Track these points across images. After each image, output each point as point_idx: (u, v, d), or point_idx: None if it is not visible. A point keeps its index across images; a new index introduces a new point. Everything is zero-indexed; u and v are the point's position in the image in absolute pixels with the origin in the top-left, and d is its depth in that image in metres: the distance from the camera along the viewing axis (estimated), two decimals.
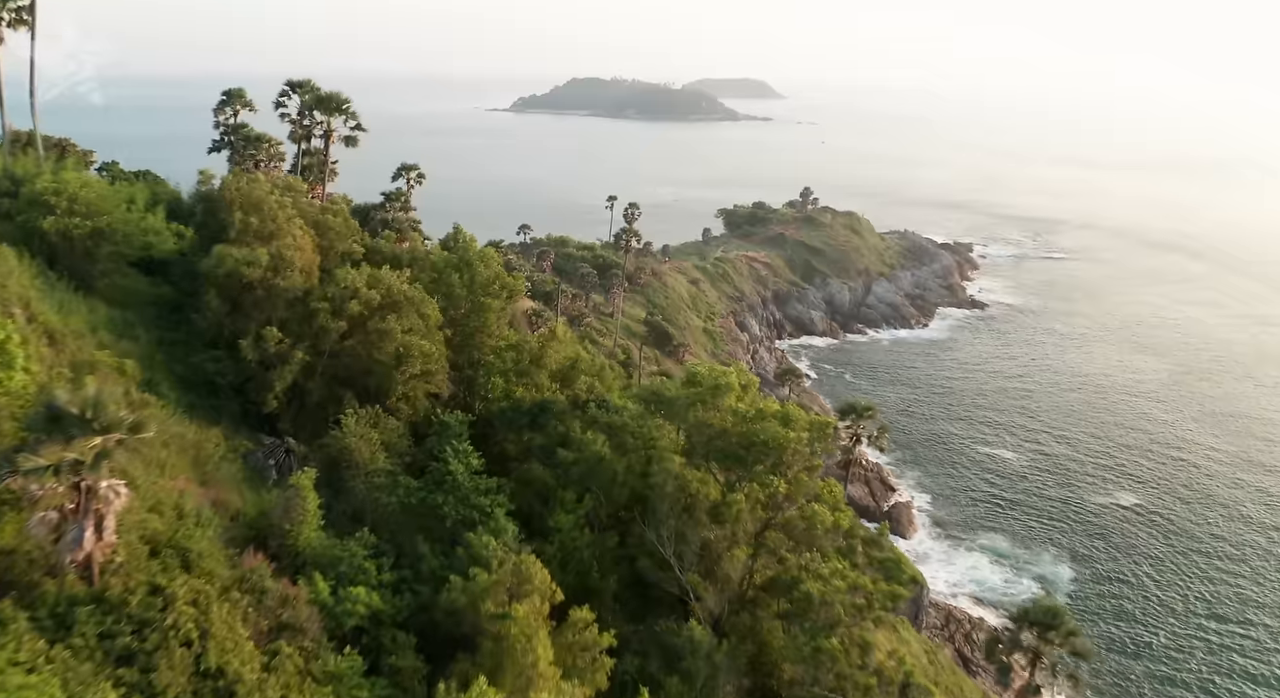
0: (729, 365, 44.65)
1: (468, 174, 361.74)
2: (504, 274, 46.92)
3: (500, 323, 46.07)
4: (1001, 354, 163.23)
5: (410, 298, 38.58)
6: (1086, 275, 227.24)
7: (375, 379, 38.05)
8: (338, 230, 42.91)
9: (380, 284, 38.09)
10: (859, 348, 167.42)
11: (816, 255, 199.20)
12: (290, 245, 37.17)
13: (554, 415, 38.70)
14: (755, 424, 38.26)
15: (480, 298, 44.59)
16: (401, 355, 37.36)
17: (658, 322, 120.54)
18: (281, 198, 40.51)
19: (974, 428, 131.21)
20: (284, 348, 35.85)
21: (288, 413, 37.57)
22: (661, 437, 40.49)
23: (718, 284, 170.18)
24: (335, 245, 42.82)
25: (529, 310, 77.75)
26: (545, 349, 43.98)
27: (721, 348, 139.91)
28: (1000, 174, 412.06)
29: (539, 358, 43.47)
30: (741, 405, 39.18)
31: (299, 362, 35.98)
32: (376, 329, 37.24)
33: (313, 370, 37.42)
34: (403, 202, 61.25)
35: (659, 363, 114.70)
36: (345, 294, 36.87)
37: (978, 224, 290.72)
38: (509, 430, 39.55)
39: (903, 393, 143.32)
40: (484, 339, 44.75)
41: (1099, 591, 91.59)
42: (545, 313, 74.15)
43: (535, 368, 42.78)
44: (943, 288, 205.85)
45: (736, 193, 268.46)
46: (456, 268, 45.89)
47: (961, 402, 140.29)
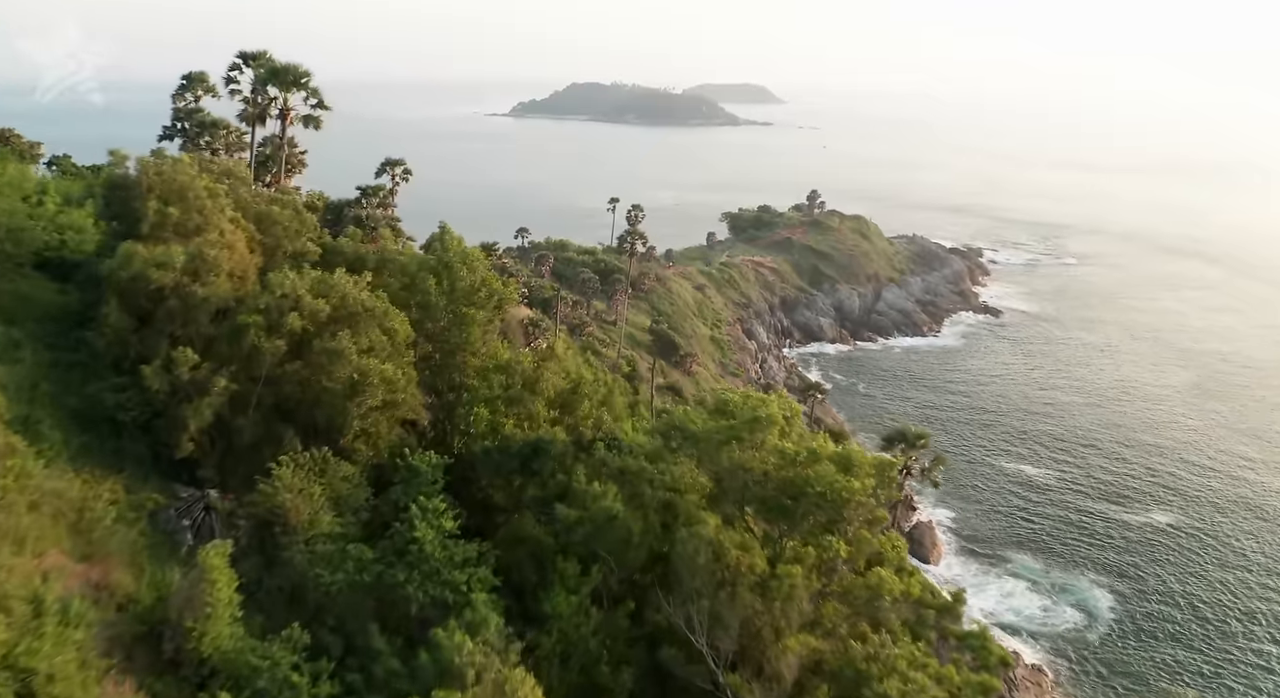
0: (769, 392, 36.02)
1: (466, 178, 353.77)
2: (492, 279, 38.41)
3: (488, 338, 37.58)
4: (1020, 363, 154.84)
5: (370, 309, 30.09)
6: (1101, 281, 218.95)
7: (325, 412, 29.61)
8: (286, 225, 34.40)
9: (332, 292, 29.58)
10: (871, 356, 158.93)
11: (824, 260, 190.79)
12: (215, 242, 28.71)
13: (552, 458, 30.21)
14: (806, 469, 29.88)
15: (462, 308, 36.09)
16: (357, 382, 28.86)
17: (664, 330, 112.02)
18: (214, 185, 32.07)
19: (996, 441, 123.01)
20: (203, 374, 27.40)
21: (212, 456, 29.12)
22: (687, 484, 31.98)
23: (723, 290, 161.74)
24: (283, 244, 34.30)
25: (525, 320, 69.19)
26: (542, 371, 35.45)
27: (729, 357, 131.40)
28: (1003, 178, 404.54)
29: (534, 382, 34.93)
30: (788, 444, 30.71)
31: (223, 392, 27.53)
32: (325, 349, 28.74)
33: (244, 402, 28.97)
34: (382, 197, 52.95)
35: (665, 374, 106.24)
36: (283, 305, 28.40)
37: (984, 228, 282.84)
38: (495, 476, 31.12)
39: (919, 404, 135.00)
40: (467, 359, 36.30)
41: (1146, 612, 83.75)
42: (543, 322, 65.76)
43: (529, 395, 34.26)
44: (954, 294, 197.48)
45: (739, 197, 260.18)
46: (434, 271, 37.43)
47: (982, 413, 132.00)
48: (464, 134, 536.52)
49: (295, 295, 28.62)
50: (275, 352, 28.34)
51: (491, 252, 71.00)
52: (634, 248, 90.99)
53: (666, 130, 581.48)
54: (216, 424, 28.95)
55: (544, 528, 29.63)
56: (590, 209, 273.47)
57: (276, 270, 30.06)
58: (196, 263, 28.29)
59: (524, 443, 30.61)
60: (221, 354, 28.80)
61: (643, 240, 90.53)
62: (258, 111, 46.17)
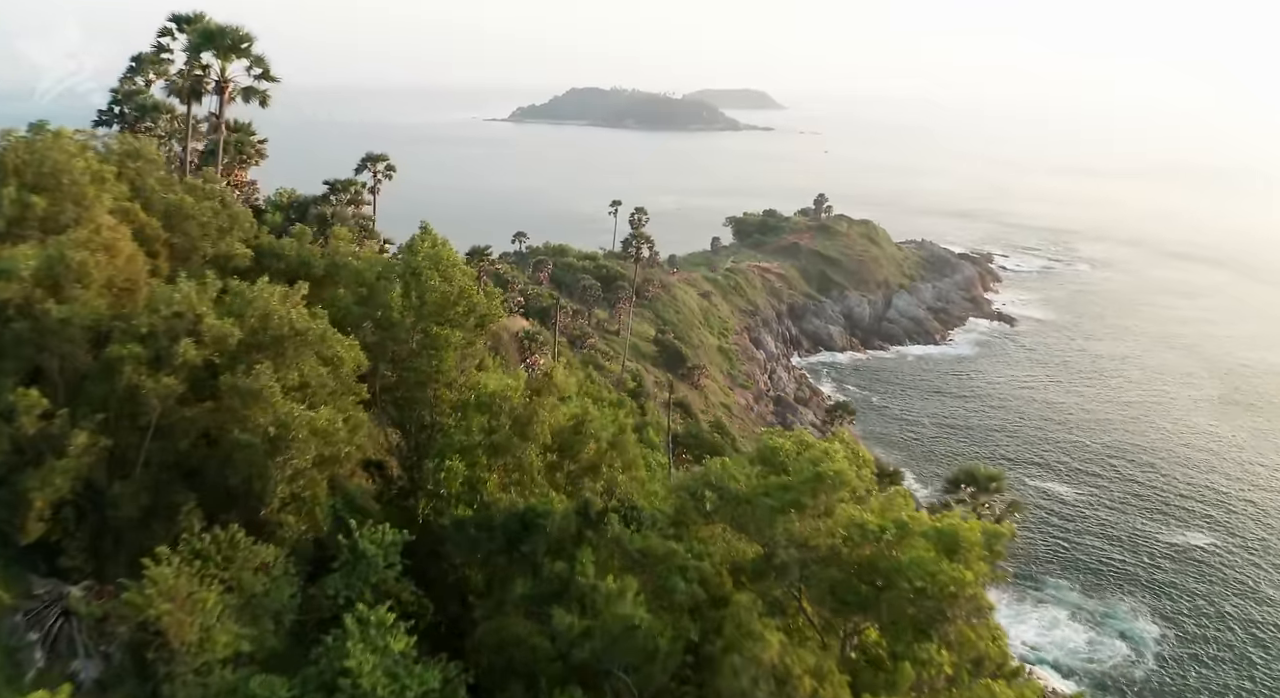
0: (829, 436, 27.60)
1: (461, 183, 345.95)
2: (472, 290, 30.15)
3: (467, 364, 29.41)
4: (1039, 374, 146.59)
5: (302, 331, 21.86)
6: (1113, 288, 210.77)
7: (239, 474, 21.45)
8: (205, 222, 26.18)
9: (249, 310, 21.35)
10: (884, 366, 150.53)
11: (833, 266, 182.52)
12: (83, 242, 20.53)
13: (548, 536, 21.83)
14: (894, 548, 21.74)
15: (433, 327, 27.91)
16: (278, 437, 20.63)
17: (669, 341, 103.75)
18: (101, 167, 23.89)
19: (1021, 455, 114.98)
20: (57, 426, 19.25)
21: (79, 537, 20.92)
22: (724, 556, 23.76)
23: (729, 297, 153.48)
24: (200, 246, 26.08)
25: (520, 332, 60.83)
26: (536, 407, 27.21)
27: (738, 368, 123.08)
28: (1006, 183, 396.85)
29: (526, 423, 26.74)
30: (868, 516, 22.45)
31: (86, 450, 19.38)
32: (236, 389, 20.60)
33: (125, 462, 20.82)
34: (355, 194, 44.81)
35: (673, 388, 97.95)
36: (175, 328, 20.19)
37: (991, 233, 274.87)
38: (471, 556, 22.89)
39: (937, 418, 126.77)
40: (439, 391, 28.15)
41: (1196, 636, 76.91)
42: (540, 335, 57.49)
43: (520, 441, 26.06)
44: (966, 301, 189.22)
45: (741, 201, 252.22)
46: (402, 278, 29.25)
47: (1004, 428, 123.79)
48: (461, 139, 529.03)
49: (193, 315, 20.37)
50: (165, 393, 20.09)
51: (484, 257, 63.08)
52: (639, 253, 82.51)
53: (667, 135, 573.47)
54: (87, 492, 20.73)
55: (537, 627, 21.41)
56: (590, 214, 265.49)
57: (163, 285, 21.71)
58: (57, 270, 20.07)
59: (510, 514, 22.23)
60: (93, 397, 20.55)
61: (649, 244, 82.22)
62: (188, 83, 37.60)
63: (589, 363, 73.97)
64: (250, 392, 20.34)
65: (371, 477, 34.13)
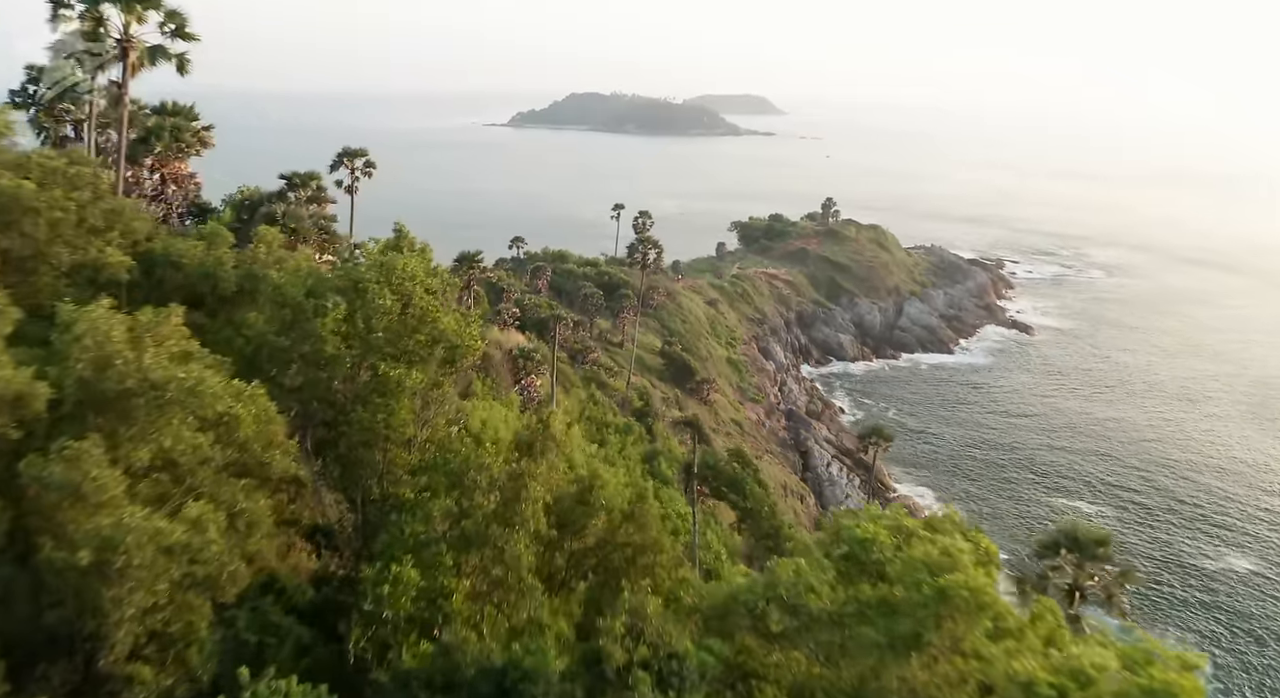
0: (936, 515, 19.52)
1: (457, 186, 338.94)
2: (436, 311, 22.19)
3: (432, 415, 21.45)
4: (1061, 385, 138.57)
5: (160, 384, 13.91)
6: (1129, 295, 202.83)
7: (58, 610, 13.59)
8: (61, 217, 18.22)
9: (73, 354, 13.34)
10: (898, 377, 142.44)
11: (842, 272, 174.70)
12: None
13: None
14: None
15: (381, 364, 20.02)
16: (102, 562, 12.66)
17: (676, 353, 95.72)
18: None
19: (1045, 474, 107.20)
20: None
21: None
22: None
23: (736, 305, 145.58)
24: (52, 252, 18.10)
25: (515, 349, 52.79)
26: (527, 477, 19.25)
27: (748, 381, 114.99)
28: (1011, 188, 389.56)
29: (513, 499, 18.82)
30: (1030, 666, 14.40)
31: None
32: (41, 481, 12.73)
33: None
34: (316, 190, 36.97)
35: (680, 404, 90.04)
36: None
37: (1000, 239, 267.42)
38: None
39: (956, 432, 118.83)
40: (393, 452, 20.22)
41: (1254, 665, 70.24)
42: (538, 352, 49.46)
43: (502, 528, 18.12)
44: (980, 308, 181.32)
45: (744, 206, 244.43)
46: (344, 294, 21.33)
47: (1026, 442, 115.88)
48: (458, 144, 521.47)
49: None
50: None
51: (474, 263, 54.95)
52: (645, 259, 74.31)
53: (667, 140, 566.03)
54: None
55: None
56: (590, 219, 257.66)
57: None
58: None
59: (482, 671, 14.09)
60: None
61: (656, 249, 73.99)
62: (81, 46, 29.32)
63: (591, 381, 65.84)
64: (62, 485, 12.43)
65: (317, 549, 26.15)
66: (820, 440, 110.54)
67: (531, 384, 47.96)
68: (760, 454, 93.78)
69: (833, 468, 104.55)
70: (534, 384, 48.00)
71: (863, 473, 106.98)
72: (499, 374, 43.16)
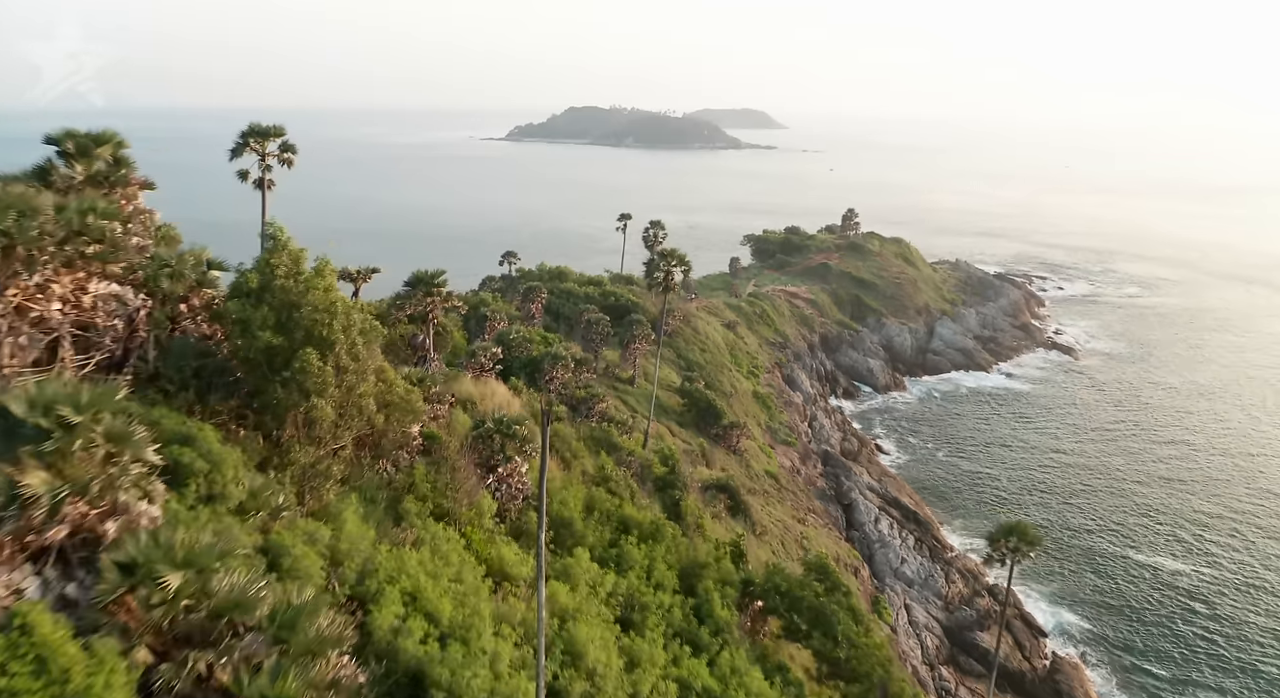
0: None
1: (450, 201, 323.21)
2: None
3: None
4: (1120, 418, 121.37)
5: None
6: (1171, 313, 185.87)
7: None
8: None
9: None
10: (939, 409, 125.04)
11: (867, 290, 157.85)
12: None
13: None
14: None
15: None
16: None
17: (699, 391, 78.52)
18: None
19: (1117, 524, 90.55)
20: None
21: None
22: None
23: (755, 327, 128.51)
24: None
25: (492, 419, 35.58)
26: None
27: (777, 419, 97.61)
28: (1026, 202, 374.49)
29: None
30: None
31: None
32: None
33: None
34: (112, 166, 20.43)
35: (706, 456, 72.76)
36: None
37: (1022, 253, 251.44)
38: None
39: (1012, 474, 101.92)
40: None
41: None
42: (523, 425, 32.09)
43: None
44: (1016, 328, 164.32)
45: (752, 220, 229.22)
46: None
47: (1091, 486, 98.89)
48: (454, 157, 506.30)
49: None
50: None
51: (435, 289, 37.74)
52: (668, 279, 56.26)
53: (669, 154, 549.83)
54: None
55: None
56: (591, 234, 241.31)
57: None
58: None
59: None
60: None
61: (682, 266, 56.12)
62: None
63: (600, 443, 48.64)
64: None
65: None
66: (863, 489, 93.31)
67: (514, 474, 30.76)
68: (803, 515, 76.46)
69: (882, 525, 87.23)
70: (517, 474, 30.79)
71: (915, 528, 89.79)
72: (460, 475, 25.98)
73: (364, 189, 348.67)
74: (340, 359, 22.00)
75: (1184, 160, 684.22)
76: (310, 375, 21.00)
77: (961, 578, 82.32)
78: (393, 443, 26.23)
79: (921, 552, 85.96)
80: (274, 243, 21.95)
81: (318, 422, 21.59)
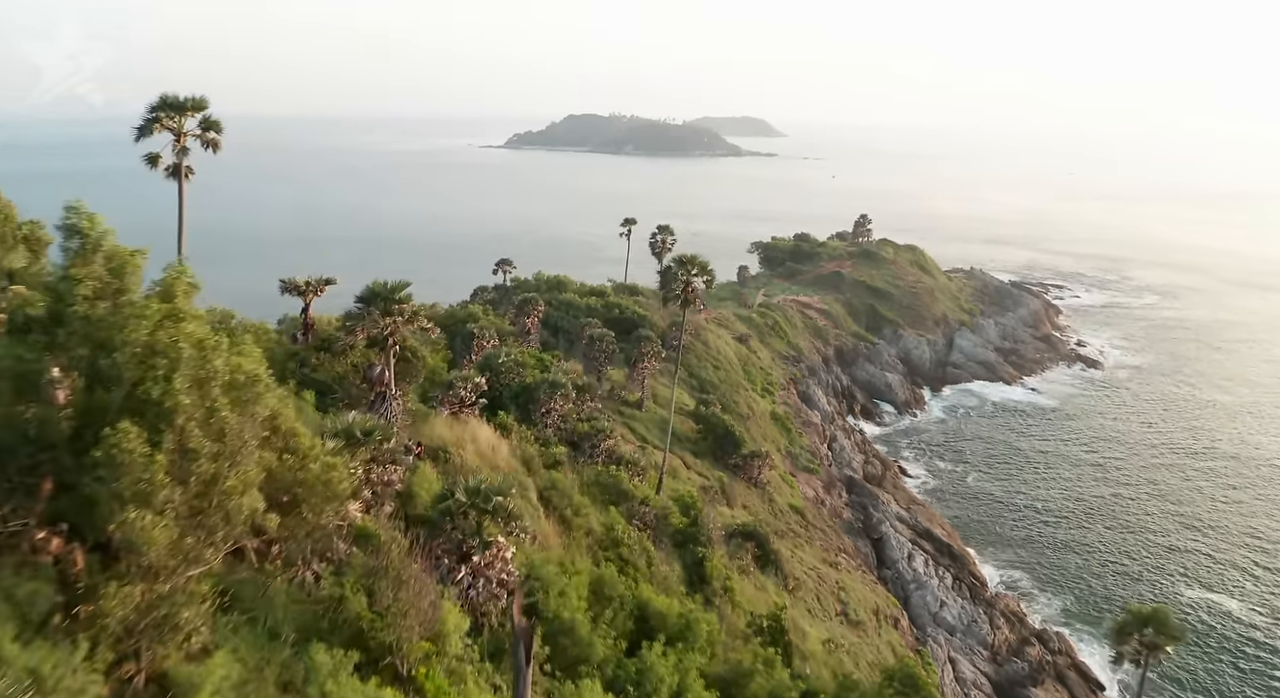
0: None
1: (448, 209, 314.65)
2: None
3: None
4: (1159, 436, 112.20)
5: None
6: (1196, 323, 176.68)
7: None
8: None
9: None
10: (965, 428, 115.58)
11: (882, 299, 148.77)
12: None
13: None
14: None
15: None
16: None
17: (715, 416, 69.28)
18: None
19: (1169, 552, 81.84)
20: None
21: None
22: None
23: (768, 339, 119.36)
24: None
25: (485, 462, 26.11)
26: None
27: (798, 443, 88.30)
28: (1032, 209, 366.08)
29: None
30: None
31: None
32: None
33: None
34: None
35: (725, 491, 63.47)
36: None
37: (1033, 261, 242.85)
38: None
39: (1048, 497, 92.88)
40: None
41: None
42: (509, 496, 23.11)
43: None
44: (1037, 340, 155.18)
45: (757, 227, 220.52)
46: None
47: (1137, 511, 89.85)
48: (452, 164, 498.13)
49: None
50: None
51: (392, 306, 28.96)
52: (688, 290, 46.62)
53: (669, 161, 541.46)
54: None
55: None
56: (591, 242, 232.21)
57: None
58: None
59: None
60: None
61: (704, 275, 46.40)
62: None
63: (608, 492, 39.44)
64: None
65: None
66: (892, 520, 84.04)
67: (496, 561, 21.59)
68: (834, 557, 67.07)
69: (916, 562, 77.91)
70: (500, 560, 21.58)
71: (950, 563, 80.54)
72: (404, 582, 16.67)
73: (364, 197, 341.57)
74: (188, 437, 12.81)
75: (1184, 166, 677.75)
76: (123, 469, 11.83)
77: (1006, 623, 73.04)
78: (303, 547, 17.05)
79: (961, 592, 76.73)
80: (79, 242, 12.88)
81: (144, 545, 12.37)
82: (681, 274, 45.43)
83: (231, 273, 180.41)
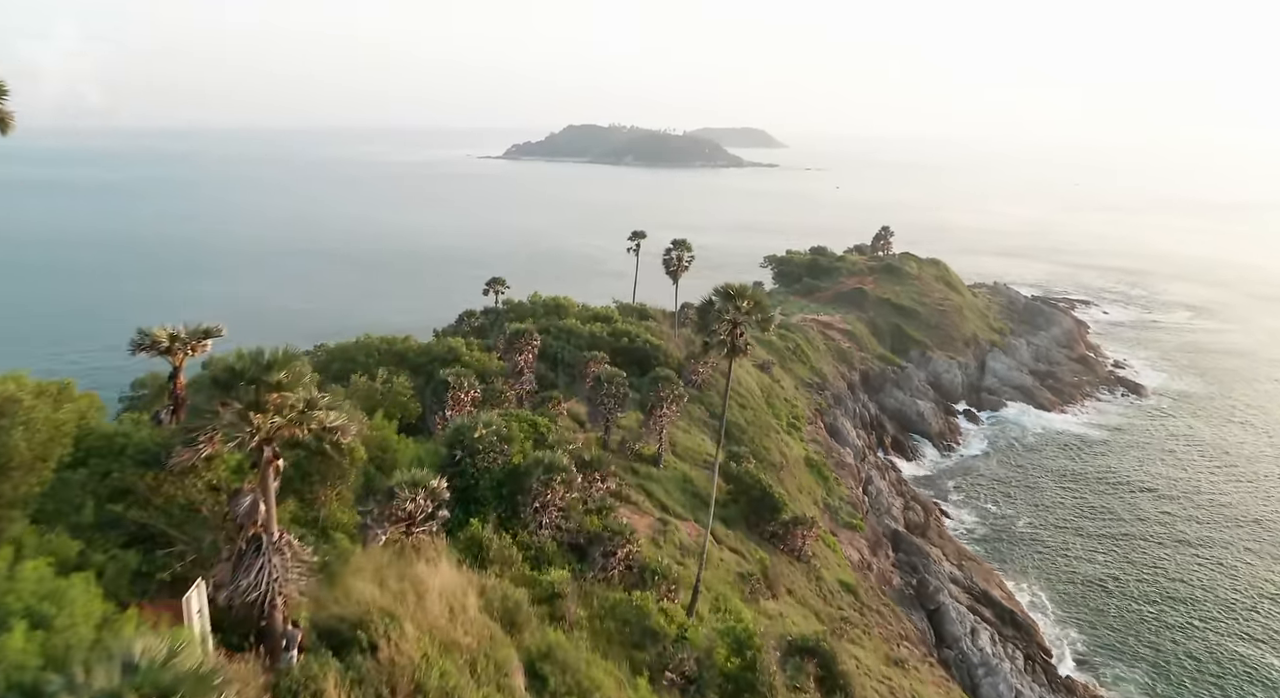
0: None
1: (446, 221, 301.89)
2: None
3: None
4: (1232, 481, 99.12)
5: None
6: (1235, 342, 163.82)
7: None
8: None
9: None
10: (1009, 465, 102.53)
11: (908, 318, 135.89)
12: None
13: None
14: None
15: None
16: None
17: (749, 475, 56.24)
18: None
19: (1256, 611, 69.21)
20: None
21: None
22: None
23: (790, 365, 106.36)
24: None
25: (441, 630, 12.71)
26: None
27: (836, 494, 75.21)
28: (1041, 220, 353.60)
29: None
30: None
31: None
32: None
33: None
34: None
35: (768, 578, 50.30)
36: None
37: (1053, 274, 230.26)
38: None
39: (1104, 548, 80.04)
40: None
41: None
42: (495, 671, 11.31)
43: None
44: (1073, 361, 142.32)
45: (764, 240, 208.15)
46: None
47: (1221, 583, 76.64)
48: (450, 175, 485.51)
49: None
50: None
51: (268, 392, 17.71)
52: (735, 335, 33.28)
53: (670, 172, 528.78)
54: None
55: None
56: (592, 255, 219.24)
57: None
58: None
59: None
60: None
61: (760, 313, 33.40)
62: None
63: (631, 628, 26.23)
64: None
65: None
66: (946, 583, 70.87)
67: None
68: (896, 648, 53.93)
69: (981, 640, 64.63)
70: None
71: (1016, 636, 67.51)
72: None
73: (364, 208, 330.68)
74: None
75: (1183, 175, 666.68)
76: None
77: None
78: None
79: (1035, 676, 63.52)
80: None
81: None
82: (728, 311, 32.38)
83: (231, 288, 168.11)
